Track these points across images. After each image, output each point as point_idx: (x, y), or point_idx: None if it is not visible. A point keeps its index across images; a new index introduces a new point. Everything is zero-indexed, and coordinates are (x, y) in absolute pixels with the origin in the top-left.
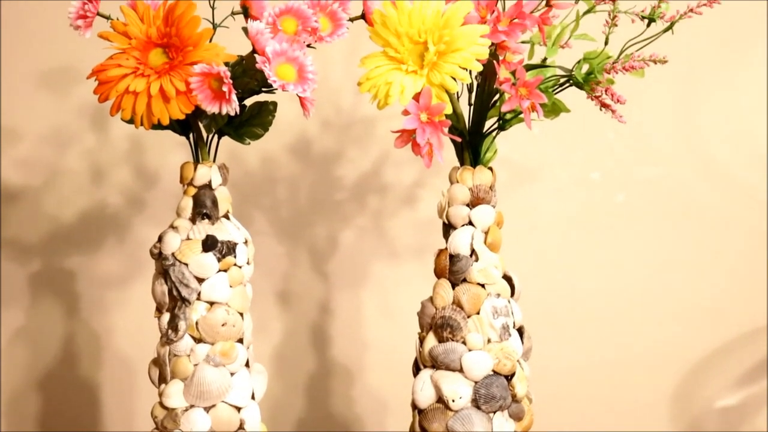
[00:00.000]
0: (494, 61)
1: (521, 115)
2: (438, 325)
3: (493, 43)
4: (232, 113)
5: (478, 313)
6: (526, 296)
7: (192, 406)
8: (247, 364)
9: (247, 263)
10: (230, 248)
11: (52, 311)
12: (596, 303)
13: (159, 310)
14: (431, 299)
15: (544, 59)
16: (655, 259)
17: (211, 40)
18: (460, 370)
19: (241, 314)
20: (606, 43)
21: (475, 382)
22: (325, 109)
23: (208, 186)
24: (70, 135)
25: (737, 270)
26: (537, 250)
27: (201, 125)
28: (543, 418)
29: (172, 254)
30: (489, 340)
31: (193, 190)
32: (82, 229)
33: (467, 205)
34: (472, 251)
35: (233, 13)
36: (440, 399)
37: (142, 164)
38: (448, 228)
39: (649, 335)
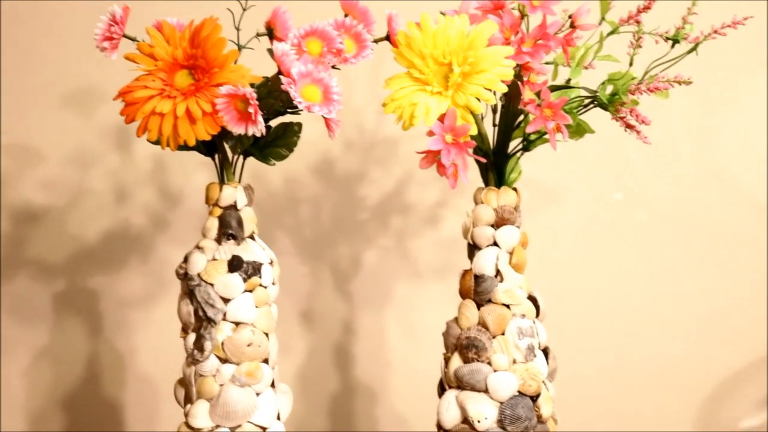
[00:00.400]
0: (519, 82)
1: (546, 136)
2: (463, 346)
3: (517, 64)
4: (258, 134)
5: (503, 334)
6: (550, 315)
7: (218, 426)
8: (272, 385)
9: (273, 284)
10: (256, 269)
11: (75, 331)
12: (619, 322)
13: (185, 330)
14: (456, 320)
15: (569, 80)
16: (678, 278)
17: (236, 62)
18: (486, 391)
19: (267, 334)
20: (630, 64)
21: (501, 403)
22: (348, 130)
23: (234, 207)
24: (93, 155)
25: (761, 288)
26: (561, 269)
27: (226, 146)
28: None
29: (198, 275)
30: (514, 361)
31: (218, 211)
32: (106, 248)
33: (492, 226)
34: (497, 272)
35: (258, 35)
36: (465, 420)
37: (165, 184)
38: (472, 248)
39: (674, 354)
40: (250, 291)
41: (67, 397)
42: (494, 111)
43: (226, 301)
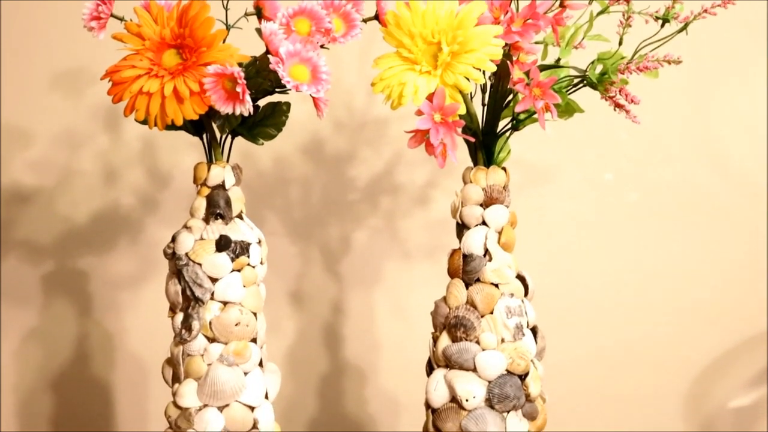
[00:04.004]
0: (508, 62)
1: (535, 116)
2: (452, 325)
3: (506, 44)
4: (246, 114)
5: (491, 313)
6: (538, 295)
7: (206, 406)
8: (260, 364)
9: (261, 263)
10: (244, 248)
11: (65, 312)
12: (609, 302)
13: (172, 309)
14: (445, 299)
15: (558, 60)
16: (668, 258)
17: (224, 41)
18: (474, 370)
19: (255, 314)
20: (620, 43)
21: (489, 382)
22: (337, 110)
23: (222, 186)
24: (82, 136)
25: (752, 269)
26: (549, 250)
27: (214, 126)
28: (555, 418)
29: (186, 254)
30: (503, 340)
31: (206, 191)
32: (95, 229)
33: (481, 205)
34: (486, 251)
35: (247, 14)
36: (454, 398)
37: (154, 165)
38: (461, 228)
39: (663, 334)
40: (238, 270)
41: (57, 377)
42: (483, 90)
43: (213, 280)
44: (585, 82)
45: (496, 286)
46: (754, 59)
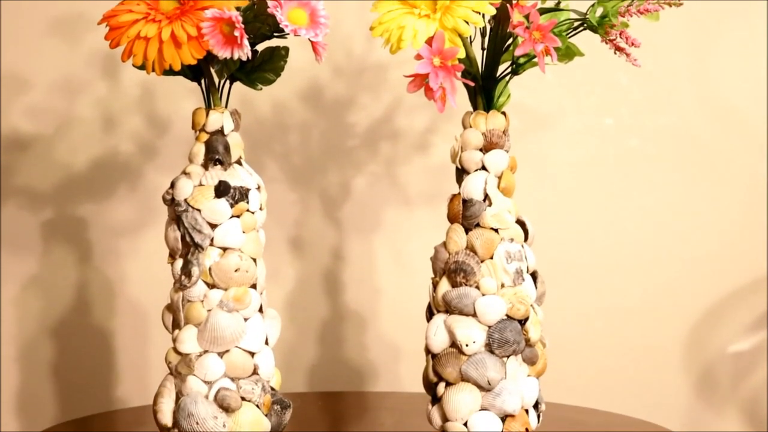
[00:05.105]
0: (507, 5)
1: (535, 59)
2: (451, 270)
3: None
4: (244, 58)
5: (491, 258)
6: (538, 241)
7: (206, 352)
8: (260, 310)
9: (260, 209)
10: (243, 194)
11: (64, 259)
12: (609, 248)
13: (172, 256)
14: (444, 244)
15: (558, 2)
16: (667, 204)
17: None
18: (474, 315)
19: (254, 260)
20: None
21: (489, 327)
22: (336, 56)
23: (221, 132)
24: (81, 82)
25: (751, 216)
26: (549, 195)
27: (213, 71)
28: (555, 364)
29: (185, 200)
30: (502, 285)
31: (205, 136)
32: (94, 176)
33: (480, 150)
34: (486, 196)
35: None
36: (454, 344)
37: (153, 111)
38: (461, 173)
39: (662, 281)
40: (238, 216)
41: (57, 325)
42: (483, 34)
43: (213, 226)
44: (585, 25)
45: (496, 231)
46: (756, 5)
